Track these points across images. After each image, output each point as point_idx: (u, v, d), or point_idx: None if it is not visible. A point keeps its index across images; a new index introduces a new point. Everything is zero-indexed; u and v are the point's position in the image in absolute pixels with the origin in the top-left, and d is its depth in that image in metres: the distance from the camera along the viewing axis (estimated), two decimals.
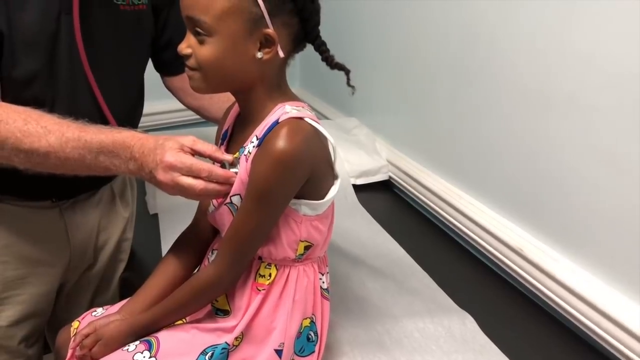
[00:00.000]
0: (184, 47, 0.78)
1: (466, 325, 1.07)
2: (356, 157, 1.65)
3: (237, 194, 0.81)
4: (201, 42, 0.76)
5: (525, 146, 1.17)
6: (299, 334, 0.87)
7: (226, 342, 0.82)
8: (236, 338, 0.83)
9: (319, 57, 0.83)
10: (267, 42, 0.77)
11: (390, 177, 1.68)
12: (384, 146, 1.72)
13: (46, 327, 1.17)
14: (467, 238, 1.37)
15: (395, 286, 1.19)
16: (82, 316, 0.93)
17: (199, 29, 0.75)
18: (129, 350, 0.82)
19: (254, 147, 0.79)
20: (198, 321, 0.88)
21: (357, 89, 0.83)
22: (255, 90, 0.81)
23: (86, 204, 1.11)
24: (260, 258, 0.86)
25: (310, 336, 0.89)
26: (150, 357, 0.80)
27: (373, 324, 1.06)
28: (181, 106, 1.20)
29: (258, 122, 0.82)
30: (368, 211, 1.53)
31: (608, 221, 1.02)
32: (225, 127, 0.93)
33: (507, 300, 1.20)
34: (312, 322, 0.89)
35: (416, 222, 1.53)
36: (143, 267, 1.23)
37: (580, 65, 1.02)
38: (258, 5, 0.74)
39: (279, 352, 0.84)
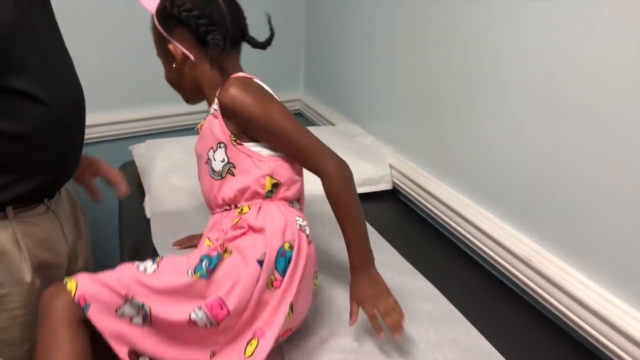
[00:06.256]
0: None
1: (471, 335, 1.06)
2: (358, 165, 1.62)
3: (210, 148, 1.00)
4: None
5: (534, 154, 1.16)
6: (282, 252, 0.93)
7: (219, 252, 0.92)
8: (225, 251, 0.93)
9: (323, 62, 0.88)
10: (174, 54, 1.00)
11: (395, 184, 1.66)
12: (389, 152, 1.70)
13: None
14: (473, 247, 1.35)
15: (398, 295, 1.16)
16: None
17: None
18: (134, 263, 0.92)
19: (216, 102, 0.99)
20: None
21: (363, 95, 0.84)
22: (203, 87, 1.03)
23: (60, 200, 1.14)
24: (234, 206, 1.00)
25: (287, 262, 0.94)
26: (153, 264, 0.91)
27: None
28: (178, 111, 1.22)
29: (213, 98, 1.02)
30: (373, 218, 1.51)
31: (619, 232, 1.00)
32: None
33: (514, 310, 1.19)
34: (291, 247, 0.94)
35: (421, 230, 1.51)
36: None
37: (592, 75, 1.01)
38: (157, 28, 1.00)
39: (260, 262, 0.91)
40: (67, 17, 1.72)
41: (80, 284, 0.86)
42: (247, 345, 0.89)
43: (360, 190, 1.60)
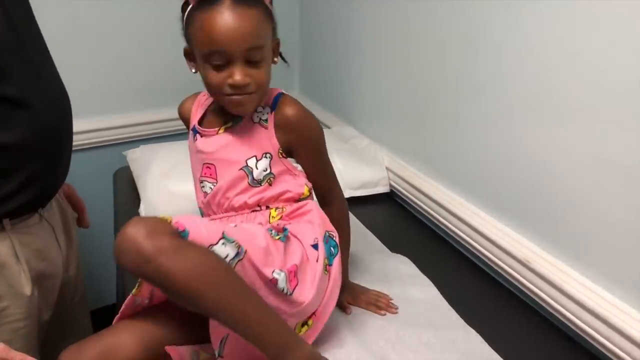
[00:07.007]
0: (244, 78, 0.87)
1: (471, 339, 1.06)
2: (355, 168, 1.63)
3: (253, 156, 0.97)
4: (256, 66, 0.88)
5: (532, 156, 1.16)
6: (326, 239, 0.98)
7: (286, 227, 0.94)
8: (287, 233, 0.94)
9: (318, 65, 0.88)
10: (277, 48, 0.93)
11: (392, 187, 1.66)
12: (385, 155, 1.70)
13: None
14: (471, 249, 1.35)
15: (397, 299, 1.17)
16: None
17: (255, 58, 0.86)
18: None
19: (267, 113, 0.96)
20: None
21: (358, 97, 0.85)
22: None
23: (52, 209, 1.12)
24: (264, 207, 1.00)
25: (331, 250, 0.99)
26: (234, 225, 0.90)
27: (377, 338, 1.05)
28: (172, 116, 1.18)
29: None
30: (370, 222, 1.51)
31: (618, 233, 1.00)
32: (193, 124, 1.05)
33: (513, 312, 1.19)
34: (332, 237, 1.00)
35: (419, 232, 1.51)
36: None
37: (588, 75, 1.01)
38: (272, 19, 0.90)
39: (314, 247, 0.95)
40: (61, 22, 1.73)
41: (174, 218, 0.79)
42: (297, 325, 0.91)
43: (358, 193, 1.61)
